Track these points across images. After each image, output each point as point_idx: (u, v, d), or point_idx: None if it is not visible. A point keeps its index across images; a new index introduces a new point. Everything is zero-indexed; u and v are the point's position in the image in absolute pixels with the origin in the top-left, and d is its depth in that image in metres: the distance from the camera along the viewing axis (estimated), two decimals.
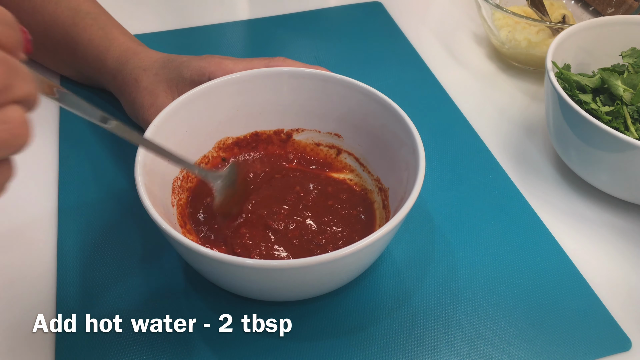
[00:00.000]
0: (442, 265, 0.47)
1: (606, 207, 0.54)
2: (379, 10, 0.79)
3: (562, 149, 0.55)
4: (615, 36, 0.59)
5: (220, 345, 0.42)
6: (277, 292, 0.41)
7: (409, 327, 0.43)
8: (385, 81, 0.66)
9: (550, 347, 0.42)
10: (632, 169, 0.48)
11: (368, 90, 0.48)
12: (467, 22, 0.78)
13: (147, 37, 0.72)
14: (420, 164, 0.42)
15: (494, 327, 0.44)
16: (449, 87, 0.66)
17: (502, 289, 0.46)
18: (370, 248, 0.37)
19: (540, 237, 0.50)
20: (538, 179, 0.56)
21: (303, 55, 0.70)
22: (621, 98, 0.52)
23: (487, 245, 0.49)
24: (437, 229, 0.50)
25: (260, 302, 0.44)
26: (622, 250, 0.50)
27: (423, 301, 0.45)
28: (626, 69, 0.54)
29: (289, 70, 0.50)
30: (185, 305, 0.44)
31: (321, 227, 0.46)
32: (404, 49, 0.72)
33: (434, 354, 0.42)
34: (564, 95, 0.50)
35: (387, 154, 0.48)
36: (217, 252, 0.35)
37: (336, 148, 0.53)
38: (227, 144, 0.52)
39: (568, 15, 0.70)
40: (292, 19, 0.76)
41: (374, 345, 0.42)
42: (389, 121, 0.47)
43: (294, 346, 0.42)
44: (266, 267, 0.35)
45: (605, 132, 0.47)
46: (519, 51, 0.67)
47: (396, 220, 0.38)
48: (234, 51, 0.71)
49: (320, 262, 0.35)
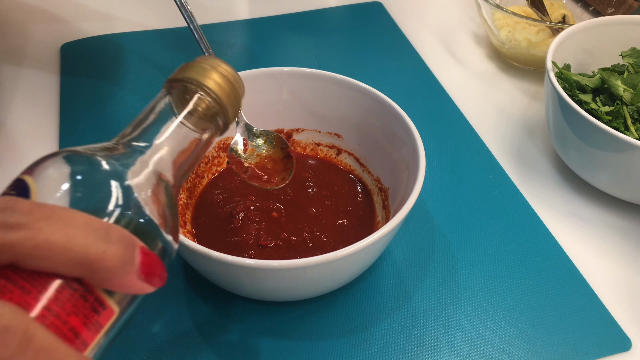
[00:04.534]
0: (442, 265, 0.47)
1: (606, 207, 0.54)
2: (379, 10, 0.79)
3: (562, 149, 0.55)
4: (616, 36, 0.59)
5: (220, 345, 0.42)
6: (277, 292, 0.41)
7: (409, 327, 0.43)
8: (385, 81, 0.66)
9: (550, 347, 0.42)
10: (632, 169, 0.48)
11: (368, 90, 0.48)
12: (467, 22, 0.78)
13: (146, 34, 0.72)
14: (420, 164, 0.42)
15: (494, 327, 0.44)
16: (449, 87, 0.66)
17: (502, 289, 0.46)
18: (370, 248, 0.37)
19: (540, 237, 0.50)
20: (538, 178, 0.56)
21: (303, 55, 0.70)
22: (621, 98, 0.52)
23: (487, 245, 0.49)
24: (437, 229, 0.50)
25: (261, 302, 0.44)
26: (622, 250, 0.50)
27: (423, 301, 0.45)
28: (626, 69, 0.54)
29: (289, 70, 0.50)
30: (185, 305, 0.44)
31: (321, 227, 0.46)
32: (404, 49, 0.72)
33: (434, 354, 0.42)
34: (564, 95, 0.50)
35: (387, 154, 0.48)
36: (217, 252, 0.35)
37: (336, 148, 0.53)
38: (227, 143, 0.52)
39: (568, 15, 0.70)
40: (292, 19, 0.76)
41: (374, 345, 0.42)
42: (389, 121, 0.47)
43: (294, 346, 0.42)
44: (266, 267, 0.35)
45: (605, 132, 0.47)
46: (519, 51, 0.67)
47: (396, 220, 0.38)
48: (234, 51, 0.71)
49: (320, 262, 0.35)
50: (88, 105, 0.62)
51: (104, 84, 0.65)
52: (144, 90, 0.63)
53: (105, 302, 0.23)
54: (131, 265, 0.23)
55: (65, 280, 0.22)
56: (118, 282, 0.22)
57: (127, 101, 0.62)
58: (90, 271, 0.22)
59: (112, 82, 0.65)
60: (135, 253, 0.23)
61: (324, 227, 0.46)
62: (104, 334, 0.24)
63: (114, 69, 0.67)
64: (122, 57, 0.69)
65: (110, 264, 0.22)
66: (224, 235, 0.45)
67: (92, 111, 0.61)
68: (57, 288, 0.22)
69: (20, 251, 0.20)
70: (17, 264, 0.21)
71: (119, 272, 0.22)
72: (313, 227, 0.46)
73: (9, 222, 0.20)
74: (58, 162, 0.25)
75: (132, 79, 0.65)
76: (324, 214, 0.47)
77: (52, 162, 0.25)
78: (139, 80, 0.65)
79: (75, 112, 0.61)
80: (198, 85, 0.30)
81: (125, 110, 0.61)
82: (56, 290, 0.21)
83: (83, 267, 0.21)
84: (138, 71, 0.66)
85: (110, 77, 0.66)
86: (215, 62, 0.31)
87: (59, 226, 0.21)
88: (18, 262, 0.21)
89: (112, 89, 0.64)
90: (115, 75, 0.66)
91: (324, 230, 0.46)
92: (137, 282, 0.23)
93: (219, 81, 0.31)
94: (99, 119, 0.60)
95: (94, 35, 0.71)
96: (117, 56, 0.69)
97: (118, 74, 0.66)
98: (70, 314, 0.22)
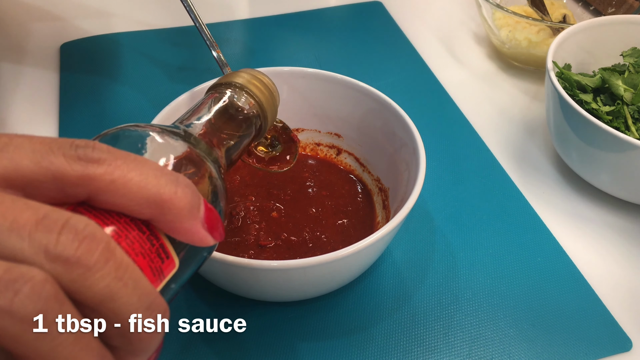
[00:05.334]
0: (442, 266, 0.47)
1: (607, 207, 0.54)
2: (379, 10, 0.79)
3: (563, 148, 0.55)
4: (616, 36, 0.59)
5: (220, 346, 0.41)
6: (277, 292, 0.41)
7: (409, 328, 0.43)
8: (385, 81, 0.65)
9: (551, 348, 0.42)
10: (633, 169, 0.48)
11: (368, 90, 0.48)
12: (467, 22, 0.78)
13: (146, 34, 0.72)
14: (420, 164, 0.41)
15: (495, 328, 0.43)
16: (449, 87, 0.66)
17: (502, 289, 0.46)
18: (371, 248, 0.37)
19: (540, 237, 0.50)
20: (538, 178, 0.56)
21: (303, 55, 0.70)
22: (622, 98, 0.52)
23: (487, 245, 0.49)
24: (437, 229, 0.50)
25: (261, 302, 0.44)
26: (622, 250, 0.50)
27: (423, 301, 0.45)
28: (627, 69, 0.54)
29: (289, 70, 0.50)
30: (184, 305, 0.44)
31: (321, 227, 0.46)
32: (404, 48, 0.72)
33: (434, 355, 0.42)
34: (565, 95, 0.50)
35: (388, 154, 0.48)
36: (217, 252, 0.35)
37: (336, 148, 0.53)
38: None
39: (568, 15, 0.70)
40: (292, 19, 0.76)
41: (374, 346, 0.42)
42: (389, 121, 0.47)
43: (294, 346, 0.42)
44: (266, 267, 0.35)
45: (606, 132, 0.47)
46: (519, 51, 0.67)
47: (396, 220, 0.38)
48: (234, 50, 0.71)
49: (320, 262, 0.35)
50: (87, 103, 0.62)
51: (103, 82, 0.65)
52: (142, 88, 0.63)
53: (168, 251, 0.24)
54: (197, 211, 0.23)
55: (134, 222, 0.23)
56: (185, 225, 0.23)
57: (126, 99, 0.62)
58: (161, 210, 0.22)
59: (111, 80, 0.65)
60: (201, 201, 0.24)
61: (324, 227, 0.46)
62: (163, 288, 0.24)
63: (113, 67, 0.67)
64: (121, 55, 0.69)
65: (180, 204, 0.22)
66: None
67: (91, 109, 0.61)
68: (127, 226, 0.22)
69: (98, 185, 0.21)
70: (92, 200, 0.22)
71: (187, 214, 0.23)
72: (313, 227, 0.46)
73: (90, 156, 0.21)
74: (127, 130, 0.27)
75: (130, 77, 0.65)
76: (324, 214, 0.47)
77: (122, 130, 0.27)
78: (137, 79, 0.65)
79: (74, 109, 0.61)
80: (241, 88, 0.36)
81: (124, 108, 0.61)
82: (126, 229, 0.22)
83: (155, 205, 0.22)
84: (137, 69, 0.66)
85: (109, 75, 0.66)
86: (256, 72, 0.37)
87: (134, 165, 0.22)
88: (94, 197, 0.21)
89: (111, 87, 0.64)
90: (114, 74, 0.66)
91: (324, 230, 0.46)
92: (200, 230, 0.24)
93: (260, 87, 0.36)
94: (98, 117, 0.60)
95: (93, 35, 0.71)
96: (116, 55, 0.69)
97: (117, 72, 0.66)
98: (138, 254, 0.22)
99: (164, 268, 0.24)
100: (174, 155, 0.27)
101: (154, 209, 0.22)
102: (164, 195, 0.22)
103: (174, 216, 0.23)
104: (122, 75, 0.66)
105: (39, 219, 0.19)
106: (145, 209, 0.22)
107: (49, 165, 0.21)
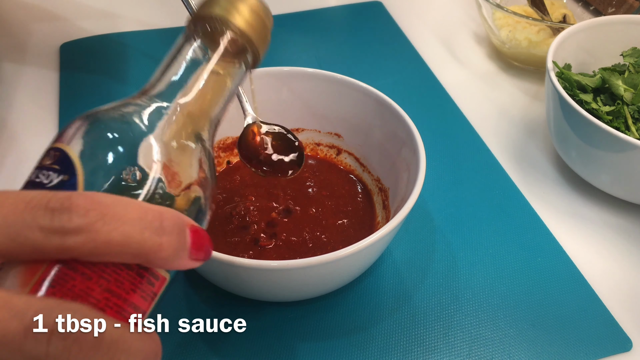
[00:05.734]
0: (442, 266, 0.47)
1: (607, 207, 0.54)
2: (379, 10, 0.79)
3: (563, 148, 0.55)
4: (616, 36, 0.59)
5: (220, 346, 0.41)
6: (277, 292, 0.41)
7: (409, 328, 0.43)
8: (385, 81, 0.65)
9: (551, 348, 0.42)
10: (633, 169, 0.48)
11: (368, 90, 0.48)
12: (467, 22, 0.78)
13: (146, 34, 0.72)
14: (420, 164, 0.41)
15: (495, 328, 0.43)
16: (449, 87, 0.66)
17: (502, 289, 0.46)
18: (371, 248, 0.37)
19: (540, 237, 0.50)
20: (538, 178, 0.56)
21: (303, 55, 0.70)
22: (622, 98, 0.52)
23: (487, 245, 0.49)
24: (437, 229, 0.50)
25: (261, 302, 0.44)
26: (622, 250, 0.50)
27: (423, 301, 0.45)
28: (627, 69, 0.54)
29: (289, 70, 0.50)
30: (184, 305, 0.44)
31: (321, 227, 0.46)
32: (404, 48, 0.72)
33: (434, 355, 0.42)
34: (565, 95, 0.50)
35: (388, 154, 0.48)
36: (217, 252, 0.35)
37: (336, 148, 0.53)
38: (227, 143, 0.51)
39: (569, 15, 0.70)
40: (292, 19, 0.76)
41: (374, 346, 0.42)
42: (390, 121, 0.47)
43: (294, 346, 0.42)
44: (266, 267, 0.35)
45: (606, 132, 0.47)
46: (519, 51, 0.67)
47: (396, 220, 0.38)
48: None
49: (320, 262, 0.35)
50: (87, 103, 0.61)
51: (102, 81, 0.65)
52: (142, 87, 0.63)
53: (158, 274, 0.24)
54: (184, 251, 0.24)
55: (123, 264, 0.23)
56: (171, 265, 0.24)
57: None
58: (147, 259, 0.23)
59: (110, 79, 0.65)
60: (187, 236, 0.24)
61: (324, 227, 0.46)
62: (159, 300, 0.25)
63: (113, 66, 0.67)
64: (121, 55, 0.69)
65: (165, 254, 0.23)
66: (224, 235, 0.45)
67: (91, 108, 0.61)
68: (115, 271, 0.23)
69: (80, 252, 0.21)
70: (77, 259, 0.22)
71: (173, 259, 0.23)
72: (313, 227, 0.46)
73: (67, 227, 0.21)
74: (94, 127, 0.26)
75: (130, 76, 0.65)
76: (324, 214, 0.47)
77: (86, 127, 0.26)
78: (137, 78, 0.65)
79: (74, 109, 0.61)
80: (225, 24, 0.28)
81: None
82: (115, 273, 0.23)
83: (140, 258, 0.22)
84: (137, 69, 0.66)
85: (108, 74, 0.66)
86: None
87: (115, 224, 0.21)
88: (77, 258, 0.22)
89: (111, 86, 0.64)
90: (114, 73, 0.66)
91: (324, 230, 0.46)
92: (188, 263, 0.24)
93: (248, 17, 0.28)
94: None
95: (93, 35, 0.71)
96: (116, 54, 0.69)
97: (117, 71, 0.66)
98: (129, 292, 0.23)
99: (155, 289, 0.25)
100: (151, 161, 0.25)
101: (140, 260, 0.23)
102: (147, 249, 0.22)
103: (160, 262, 0.23)
104: (122, 75, 0.66)
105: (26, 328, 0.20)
106: (130, 260, 0.23)
107: (25, 241, 0.21)
